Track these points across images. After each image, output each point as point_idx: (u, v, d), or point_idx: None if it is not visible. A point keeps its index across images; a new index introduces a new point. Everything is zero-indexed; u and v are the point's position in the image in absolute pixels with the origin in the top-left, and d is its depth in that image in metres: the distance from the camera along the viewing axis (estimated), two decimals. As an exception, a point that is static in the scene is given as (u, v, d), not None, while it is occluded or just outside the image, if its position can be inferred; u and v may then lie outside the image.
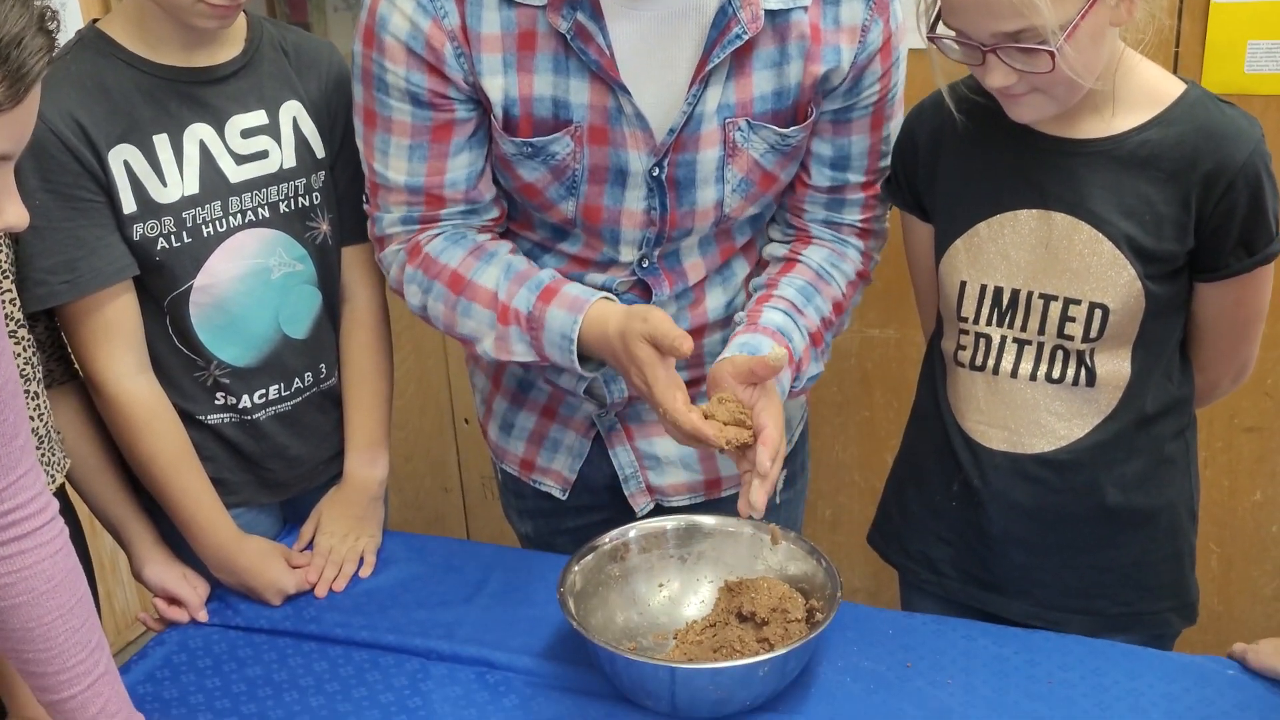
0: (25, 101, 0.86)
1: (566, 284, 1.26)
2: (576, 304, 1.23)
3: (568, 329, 1.22)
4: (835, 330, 1.36)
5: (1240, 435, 1.94)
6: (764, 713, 1.16)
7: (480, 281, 1.27)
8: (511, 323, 1.25)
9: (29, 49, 0.84)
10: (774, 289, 1.32)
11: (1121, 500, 1.28)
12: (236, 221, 1.33)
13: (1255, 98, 1.72)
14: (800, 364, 1.27)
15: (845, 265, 1.36)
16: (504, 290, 1.26)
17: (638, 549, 1.30)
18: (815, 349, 1.30)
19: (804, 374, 1.29)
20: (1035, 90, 1.15)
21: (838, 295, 1.34)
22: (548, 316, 1.23)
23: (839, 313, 1.35)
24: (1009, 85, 1.14)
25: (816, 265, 1.34)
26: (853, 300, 1.38)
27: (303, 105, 1.37)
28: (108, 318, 1.28)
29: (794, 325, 1.28)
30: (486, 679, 1.23)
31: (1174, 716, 1.13)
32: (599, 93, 1.21)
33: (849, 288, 1.36)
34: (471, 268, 1.28)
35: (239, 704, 1.22)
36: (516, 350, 1.27)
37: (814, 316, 1.31)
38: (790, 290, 1.32)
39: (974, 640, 1.25)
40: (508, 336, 1.26)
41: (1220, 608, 2.05)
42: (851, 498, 2.21)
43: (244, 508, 1.44)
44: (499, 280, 1.27)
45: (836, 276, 1.35)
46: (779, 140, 1.26)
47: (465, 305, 1.28)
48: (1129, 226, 1.19)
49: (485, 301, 1.27)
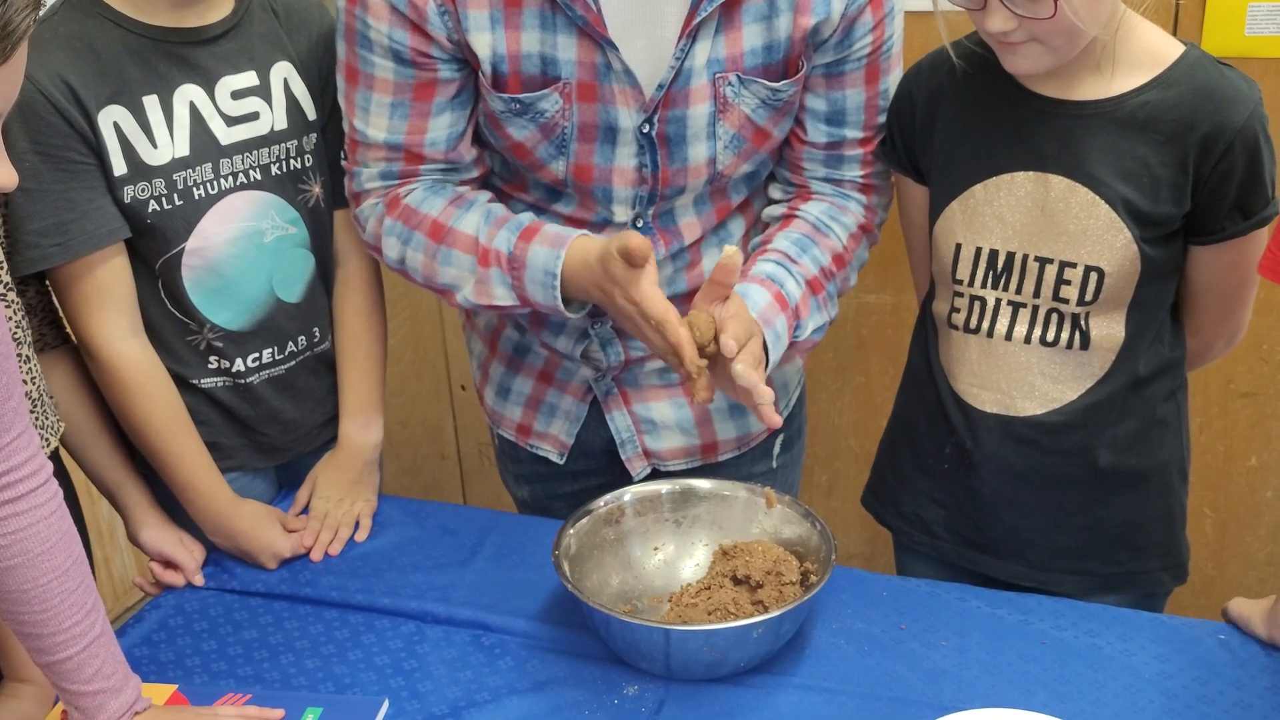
0: (12, 60, 0.85)
1: (547, 224, 1.25)
2: (559, 239, 1.22)
3: (551, 264, 1.20)
4: (840, 284, 1.34)
5: (1236, 400, 1.94)
6: (758, 674, 1.16)
7: (460, 228, 1.26)
8: (492, 264, 1.24)
9: (14, 5, 0.83)
10: (768, 244, 1.31)
11: (1113, 461, 1.28)
12: (228, 184, 1.32)
13: (1255, 60, 1.71)
14: (798, 311, 1.25)
15: (845, 218, 1.34)
16: (484, 234, 1.25)
17: (633, 512, 1.30)
18: (815, 296, 1.28)
19: (804, 322, 1.27)
20: (1034, 40, 1.14)
21: (837, 247, 1.32)
22: (529, 254, 1.22)
23: (840, 265, 1.33)
24: (1008, 31, 1.13)
25: (814, 218, 1.33)
26: (857, 254, 1.36)
27: (293, 66, 1.36)
28: (100, 281, 1.27)
29: (787, 273, 1.26)
30: (482, 641, 1.24)
31: (1165, 678, 1.14)
32: (586, 49, 1.19)
33: (850, 240, 1.34)
34: (452, 215, 1.27)
35: (235, 667, 1.23)
36: (497, 294, 1.25)
37: (810, 265, 1.29)
38: (784, 243, 1.30)
39: (967, 602, 1.25)
40: (488, 279, 1.25)
41: (1214, 572, 2.06)
42: (847, 463, 2.22)
43: (238, 472, 1.44)
44: (479, 225, 1.26)
45: (836, 229, 1.33)
46: (770, 95, 1.25)
47: (445, 253, 1.26)
48: (1126, 189, 1.18)
49: (466, 247, 1.25)
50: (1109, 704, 1.11)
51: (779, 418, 1.13)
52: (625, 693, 1.15)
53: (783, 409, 1.51)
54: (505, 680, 1.18)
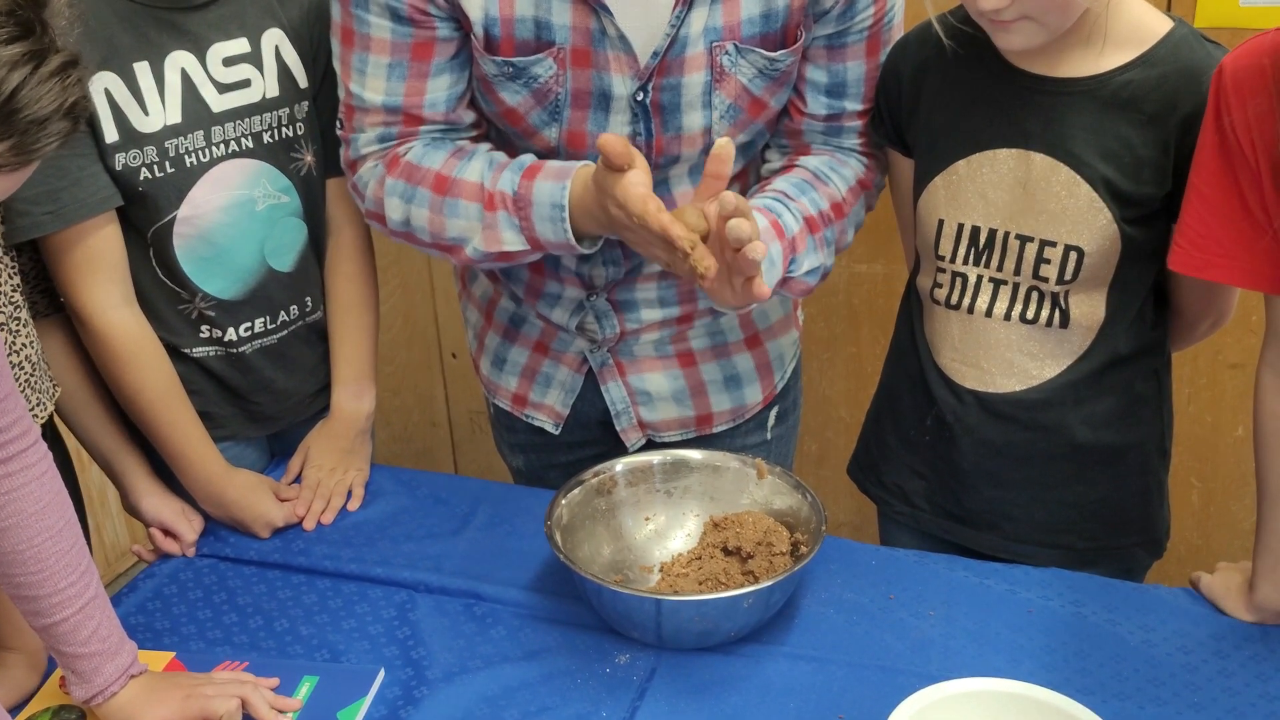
0: (26, 169, 0.87)
1: (550, 161, 1.23)
2: (563, 172, 1.20)
3: (558, 196, 1.19)
4: (838, 234, 1.31)
5: (1224, 371, 1.95)
6: (748, 643, 1.17)
7: (464, 177, 1.24)
8: (499, 208, 1.22)
9: (51, 132, 0.85)
10: (766, 185, 1.30)
11: (1091, 438, 1.29)
12: (220, 151, 1.32)
13: (1250, 31, 1.68)
14: (795, 244, 1.23)
15: (845, 170, 1.33)
16: (489, 179, 1.23)
17: (625, 483, 1.31)
18: (812, 236, 1.26)
19: (799, 258, 1.24)
20: (1025, 17, 1.13)
21: (836, 196, 1.30)
22: (535, 191, 1.20)
23: (839, 214, 1.31)
24: (999, 10, 1.12)
25: (813, 167, 1.32)
26: (854, 209, 1.34)
27: (285, 34, 1.35)
28: (91, 249, 1.26)
29: (784, 207, 1.24)
30: (474, 610, 1.25)
31: (1150, 647, 1.15)
32: (581, 14, 1.18)
33: (849, 193, 1.32)
34: (455, 167, 1.25)
35: (231, 635, 1.24)
36: (506, 238, 1.23)
37: (809, 206, 1.27)
38: (783, 184, 1.29)
39: (955, 573, 1.27)
40: (496, 224, 1.23)
41: (1199, 541, 2.08)
42: (838, 433, 2.23)
43: (231, 441, 1.44)
44: (483, 171, 1.24)
45: (835, 179, 1.31)
46: (767, 65, 1.24)
47: (451, 204, 1.24)
48: (1107, 170, 1.18)
49: (471, 194, 1.23)
50: (1094, 673, 1.12)
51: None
52: (617, 661, 1.16)
53: (778, 381, 1.51)
54: (498, 649, 1.19)
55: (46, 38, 0.85)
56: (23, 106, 0.82)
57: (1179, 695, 1.10)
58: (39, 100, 0.83)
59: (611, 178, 1.11)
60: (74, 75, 0.86)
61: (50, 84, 0.84)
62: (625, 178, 1.10)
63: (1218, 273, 1.12)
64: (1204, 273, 1.13)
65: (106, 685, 1.05)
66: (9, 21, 0.82)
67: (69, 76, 0.85)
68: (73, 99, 0.86)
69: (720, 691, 1.12)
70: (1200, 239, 1.11)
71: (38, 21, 0.84)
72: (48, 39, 0.85)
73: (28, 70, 0.82)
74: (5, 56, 0.81)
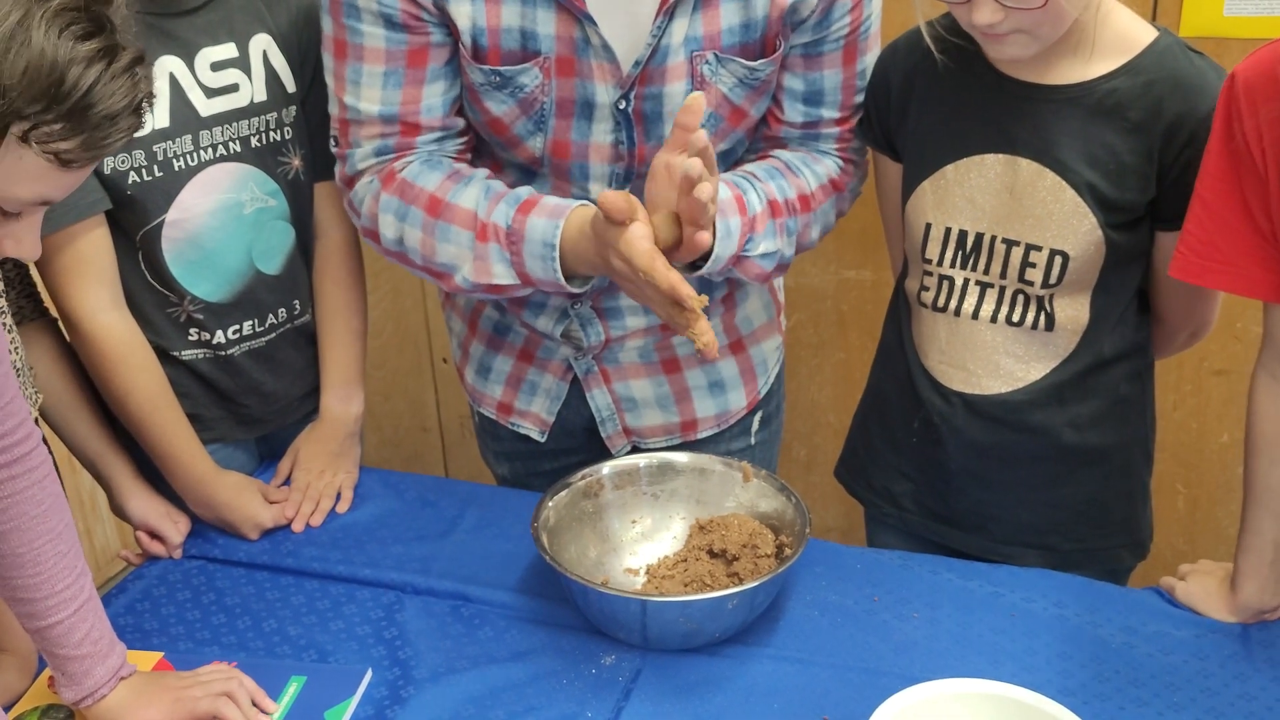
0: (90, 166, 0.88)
1: (547, 197, 1.24)
2: (558, 210, 1.20)
3: (550, 235, 1.19)
4: (800, 226, 1.31)
5: (1209, 378, 1.97)
6: (733, 645, 1.18)
7: (459, 202, 1.24)
8: (491, 240, 1.22)
9: (121, 128, 0.85)
10: (737, 166, 1.30)
11: (1076, 440, 1.30)
12: (208, 155, 1.32)
13: (1234, 41, 1.72)
14: (755, 223, 1.23)
15: (819, 168, 1.33)
16: (483, 208, 1.23)
17: (611, 485, 1.32)
18: (773, 220, 1.26)
19: (757, 237, 1.24)
20: (1018, 30, 1.14)
21: (805, 189, 1.31)
22: (528, 227, 1.20)
23: (805, 207, 1.31)
24: (995, 24, 1.13)
25: (787, 159, 1.33)
26: (823, 207, 1.34)
27: (273, 39, 1.36)
28: (81, 252, 1.27)
29: (750, 186, 1.25)
30: (462, 612, 1.25)
31: (1132, 649, 1.16)
32: (565, 23, 1.20)
33: (819, 190, 1.33)
34: (449, 190, 1.25)
35: (219, 635, 1.24)
36: (496, 271, 1.23)
37: (775, 191, 1.27)
38: (754, 167, 1.30)
39: (939, 575, 1.27)
40: (487, 256, 1.23)
41: (1185, 547, 2.09)
42: (826, 438, 2.23)
43: (220, 443, 1.45)
44: (478, 199, 1.24)
45: (807, 174, 1.32)
46: (747, 74, 1.25)
47: (444, 228, 1.24)
48: (1092, 175, 1.19)
49: (464, 222, 1.23)
50: (1075, 674, 1.13)
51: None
52: (603, 662, 1.17)
53: (762, 386, 1.52)
54: (484, 650, 1.19)
55: (116, 34, 0.84)
56: (96, 102, 0.82)
57: (1159, 695, 1.10)
58: (111, 96, 0.83)
59: (614, 230, 1.11)
60: (142, 72, 0.86)
61: (122, 80, 0.84)
62: (629, 231, 1.10)
63: (1217, 280, 1.13)
64: (1204, 279, 1.14)
65: (97, 688, 1.05)
66: (82, 18, 0.82)
67: (138, 73, 0.85)
68: (142, 95, 0.86)
69: (705, 692, 1.13)
70: (1202, 245, 1.12)
71: (107, 18, 0.84)
72: (117, 35, 0.84)
73: (101, 67, 0.82)
74: (81, 53, 0.81)
